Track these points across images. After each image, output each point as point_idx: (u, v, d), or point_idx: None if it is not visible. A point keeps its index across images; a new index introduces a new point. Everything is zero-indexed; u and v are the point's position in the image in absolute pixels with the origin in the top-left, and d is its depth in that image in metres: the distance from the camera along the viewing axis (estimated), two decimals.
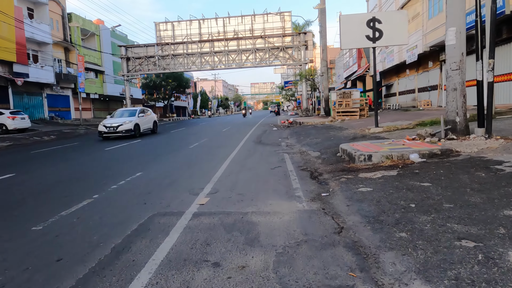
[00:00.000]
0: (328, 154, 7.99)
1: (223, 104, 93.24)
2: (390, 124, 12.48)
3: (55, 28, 30.48)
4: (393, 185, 4.67)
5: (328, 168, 6.48)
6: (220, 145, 11.53)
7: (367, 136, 10.10)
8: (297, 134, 13.83)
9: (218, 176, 6.22)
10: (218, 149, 10.31)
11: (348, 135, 11.05)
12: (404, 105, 26.73)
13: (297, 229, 3.39)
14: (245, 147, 10.53)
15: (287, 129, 17.47)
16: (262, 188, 5.19)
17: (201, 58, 33.77)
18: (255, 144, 11.31)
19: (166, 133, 18.95)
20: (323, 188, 5.07)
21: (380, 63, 29.30)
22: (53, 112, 30.47)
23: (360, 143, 7.84)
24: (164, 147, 11.68)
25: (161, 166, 7.62)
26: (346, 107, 18.60)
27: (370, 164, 6.26)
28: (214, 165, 7.36)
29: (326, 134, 12.34)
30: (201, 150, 10.40)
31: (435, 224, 3.17)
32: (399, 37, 11.07)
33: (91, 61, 36.33)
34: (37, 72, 26.80)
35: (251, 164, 7.40)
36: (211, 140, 13.43)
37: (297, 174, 6.13)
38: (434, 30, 17.83)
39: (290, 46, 32.83)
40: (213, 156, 8.88)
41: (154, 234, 3.43)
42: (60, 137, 17.95)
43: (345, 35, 11.26)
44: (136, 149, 11.46)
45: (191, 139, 14.08)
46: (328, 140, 10.40)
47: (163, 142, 13.24)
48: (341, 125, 15.69)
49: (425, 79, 22.53)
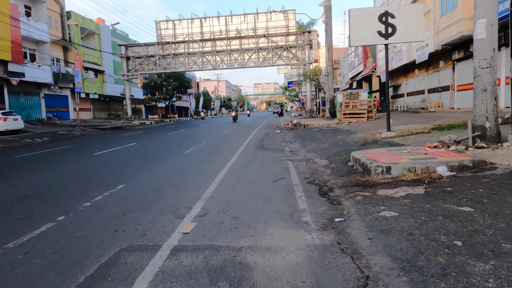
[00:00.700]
0: (338, 163, 7.08)
1: (226, 104, 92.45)
2: (403, 128, 11.54)
3: (53, 26, 29.79)
4: (423, 208, 3.77)
5: (340, 181, 5.58)
6: (218, 150, 10.66)
7: (379, 142, 9.19)
8: (301, 138, 12.94)
9: (211, 190, 5.34)
10: (216, 155, 9.43)
11: (357, 140, 10.13)
12: (412, 106, 25.72)
13: (306, 280, 2.50)
14: (245, 153, 9.65)
15: (291, 132, 16.57)
16: (262, 209, 4.30)
17: (203, 58, 32.99)
18: (256, 149, 10.43)
19: (163, 135, 18.13)
20: (336, 209, 4.17)
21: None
22: (51, 113, 29.75)
23: (374, 151, 6.93)
24: (158, 152, 10.83)
25: (148, 176, 6.76)
26: (353, 109, 17.66)
27: (389, 177, 5.36)
28: (209, 176, 6.48)
29: (333, 138, 11.43)
30: (196, 156, 9.53)
31: (499, 278, 2.27)
32: (414, 33, 10.12)
33: (91, 61, 35.63)
34: (34, 72, 26.09)
35: (251, 175, 6.51)
36: (209, 144, 12.57)
37: (303, 189, 5.24)
38: (447, 28, 16.85)
39: (294, 46, 31.95)
40: (209, 164, 8.00)
41: (112, 284, 2.55)
42: (53, 139, 17.18)
43: (355, 31, 10.35)
44: (127, 154, 10.62)
45: (188, 143, 13.22)
46: (336, 146, 9.49)
47: (158, 146, 12.40)
48: (348, 128, 14.76)
49: (436, 80, 21.52)
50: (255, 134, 16.26)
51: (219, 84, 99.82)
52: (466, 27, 15.06)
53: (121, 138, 16.67)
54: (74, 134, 19.94)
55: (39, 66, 26.89)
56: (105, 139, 16.99)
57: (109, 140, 16.28)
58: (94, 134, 20.37)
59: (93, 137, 18.18)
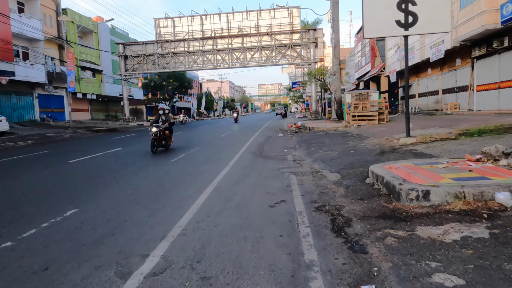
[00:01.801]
0: (353, 179, 5.66)
1: (229, 105, 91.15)
2: (424, 133, 10.06)
3: (48, 24, 28.65)
4: (502, 270, 2.35)
5: (359, 208, 4.17)
6: (211, 158, 9.27)
7: (398, 150, 7.73)
8: (306, 143, 11.50)
9: (185, 222, 3.95)
10: (206, 165, 8.03)
11: (372, 147, 8.68)
12: (424, 108, 24.15)
13: None
14: (240, 162, 8.25)
15: (295, 136, 15.15)
16: (250, 260, 2.90)
17: (203, 57, 31.68)
18: (254, 157, 9.02)
19: None
20: (361, 264, 2.75)
21: (397, 62, 26.77)
22: (45, 114, 28.60)
23: (398, 165, 5.49)
24: (141, 159, 9.47)
25: (113, 196, 5.39)
26: (362, 110, 16.18)
27: (427, 205, 3.94)
28: (189, 196, 5.10)
29: (343, 144, 9.98)
30: (183, 166, 8.14)
31: None
32: (439, 23, 8.65)
33: (89, 60, 34.50)
34: (26, 71, 24.93)
35: (242, 196, 5.11)
36: (202, 150, 11.18)
37: (310, 221, 3.83)
38: (467, 22, 15.32)
39: (299, 44, 30.54)
40: (194, 178, 6.61)
41: None
42: (37, 143, 15.92)
43: (369, 21, 8.94)
44: (106, 161, 9.28)
45: (179, 148, 11.85)
46: (347, 155, 8.05)
47: (145, 153, 11.05)
48: (358, 131, 13.30)
49: (452, 79, 19.96)
50: (255, 138, 14.86)
51: (223, 85, 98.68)
52: (491, 20, 13.54)
53: (110, 142, 15.37)
54: (63, 136, 18.69)
55: (32, 64, 25.75)
56: (92, 142, 15.70)
57: (96, 144, 14.98)
58: (84, 137, 19.10)
59: (81, 141, 16.91)
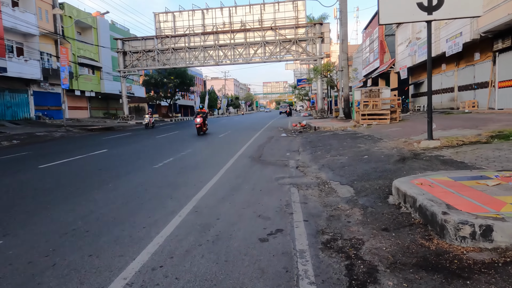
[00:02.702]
0: (371, 196, 4.41)
1: (233, 103, 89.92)
2: (446, 135, 8.75)
3: (43, 18, 27.66)
4: None
5: (386, 247, 2.92)
6: (200, 164, 8.07)
7: (422, 156, 6.45)
8: (312, 146, 10.24)
9: (134, 270, 2.74)
10: (191, 174, 6.82)
11: (389, 151, 7.40)
12: (438, 106, 22.69)
13: None
14: (233, 170, 7.03)
15: (299, 136, 13.89)
16: None
17: (205, 52, 30.49)
18: (251, 163, 7.80)
19: (148, 139, 15.66)
20: None
21: (408, 58, 25.32)
22: (41, 111, 27.68)
23: (432, 180, 4.22)
24: (121, 165, 8.31)
25: (56, 221, 4.21)
26: (373, 109, 14.84)
27: (488, 247, 2.69)
28: (154, 223, 3.89)
29: (353, 147, 8.70)
30: (164, 174, 6.94)
31: None
32: (469, 5, 7.31)
33: (87, 56, 33.54)
34: (20, 67, 23.97)
35: (226, 222, 3.88)
36: (194, 153, 9.99)
37: (315, 272, 2.60)
38: (490, 11, 13.88)
39: (304, 39, 29.17)
40: (172, 192, 5.40)
41: None
42: (24, 143, 14.89)
43: (385, 4, 7.67)
44: (80, 167, 8.14)
45: (168, 151, 10.67)
46: (360, 161, 6.78)
47: (128, 156, 9.89)
48: (369, 132, 12.00)
49: (469, 75, 18.50)
50: (256, 139, 13.64)
51: (227, 82, 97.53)
52: None
53: (99, 142, 14.27)
54: (53, 136, 17.65)
55: (26, 60, 24.78)
56: (81, 142, 14.61)
57: (84, 144, 13.89)
58: (76, 136, 18.05)
59: (71, 140, 15.84)
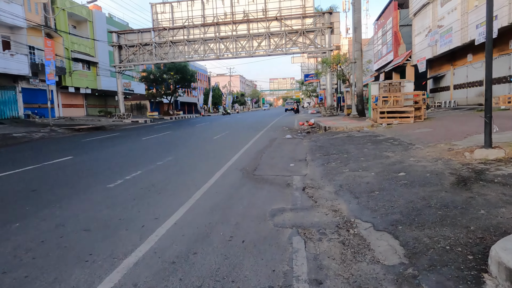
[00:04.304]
0: (443, 273, 2.28)
1: (239, 100, 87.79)
2: (504, 139, 6.54)
3: (33, 10, 25.87)
4: None
5: None
6: (172, 182, 6.02)
7: (488, 175, 4.31)
8: (323, 153, 8.10)
9: None
10: (151, 202, 4.76)
11: (434, 166, 5.24)
12: (462, 102, 20.31)
13: None
14: (213, 194, 4.97)
15: (307, 138, 11.77)
16: None
17: (205, 46, 28.43)
18: (241, 181, 5.73)
19: (131, 141, 13.71)
20: None
21: (428, 49, 22.88)
22: (31, 110, 26.00)
23: None
24: (65, 181, 6.33)
25: None
26: (394, 105, 12.62)
27: None
28: None
29: (380, 157, 6.55)
30: (111, 202, 4.90)
31: None
32: None
33: (82, 51, 31.73)
34: (5, 62, 22.25)
35: None
36: (171, 164, 7.94)
37: None
38: None
39: (312, 30, 26.91)
40: (98, 246, 3.37)
41: None
42: None
43: None
44: (20, 184, 6.19)
45: (144, 158, 8.67)
46: (396, 182, 4.64)
47: (87, 167, 7.94)
48: (393, 134, 9.82)
49: (503, 66, 16.11)
50: (255, 141, 11.57)
51: (233, 79, 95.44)
52: None
53: (73, 146, 12.37)
54: (32, 137, 15.83)
55: (12, 55, 23.05)
56: (53, 146, 12.72)
57: (53, 149, 11.98)
58: (56, 138, 16.20)
59: (48, 142, 13.98)
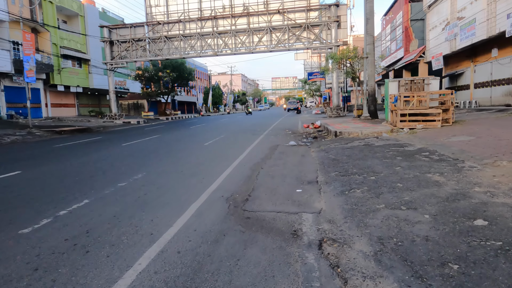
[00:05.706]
0: None
1: (240, 99, 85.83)
2: None
3: (16, 3, 24.08)
4: None
5: None
6: (116, 228, 4.09)
7: None
8: (339, 171, 6.11)
9: None
10: (62, 278, 2.85)
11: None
12: (484, 102, 18.29)
13: None
14: (173, 256, 3.02)
15: (314, 146, 9.82)
16: None
17: (202, 41, 26.51)
18: (223, 226, 3.77)
19: (112, 147, 11.83)
20: None
21: (445, 43, 20.85)
22: (15, 109, 24.24)
23: None
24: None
25: None
26: (418, 106, 10.64)
27: None
28: None
29: (427, 185, 4.57)
30: (5, 270, 2.99)
31: None
32: None
33: (72, 47, 29.96)
34: None
35: None
36: (138, 186, 6.00)
37: None
38: None
39: (317, 24, 24.92)
40: None
41: None
42: None
43: None
44: None
45: (108, 175, 6.76)
46: (485, 250, 2.69)
47: (25, 190, 6.06)
48: (422, 143, 7.85)
49: None
50: (252, 150, 9.64)
51: (235, 78, 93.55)
52: None
53: (37, 154, 10.49)
54: (1, 142, 13.98)
55: None
56: (16, 153, 10.85)
57: (9, 158, 10.10)
58: (29, 142, 14.35)
59: (10, 149, 12.13)
